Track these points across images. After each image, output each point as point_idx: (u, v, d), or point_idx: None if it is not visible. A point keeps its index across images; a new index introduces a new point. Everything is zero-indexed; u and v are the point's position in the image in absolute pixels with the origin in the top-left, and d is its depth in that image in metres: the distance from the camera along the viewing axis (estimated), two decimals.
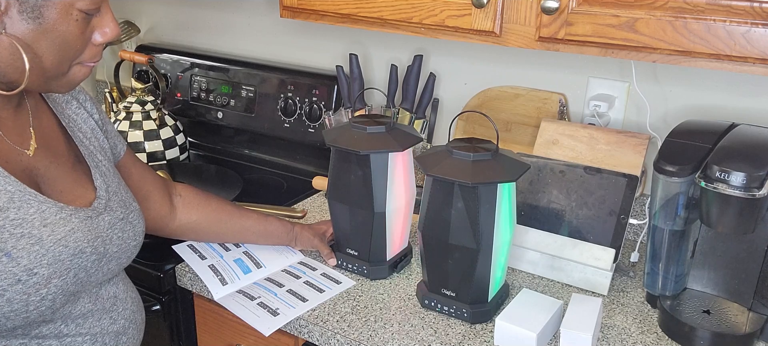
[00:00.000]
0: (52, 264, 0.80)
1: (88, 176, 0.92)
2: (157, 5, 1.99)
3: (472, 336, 1.02)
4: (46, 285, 0.79)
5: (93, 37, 0.83)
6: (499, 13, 1.06)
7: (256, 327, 1.04)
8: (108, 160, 0.99)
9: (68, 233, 0.82)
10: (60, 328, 0.85)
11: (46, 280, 0.79)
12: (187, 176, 1.56)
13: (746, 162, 0.90)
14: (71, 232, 0.83)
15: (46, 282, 0.79)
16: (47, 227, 0.80)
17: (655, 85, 1.27)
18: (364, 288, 1.15)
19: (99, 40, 0.83)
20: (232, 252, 1.22)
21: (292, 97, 1.66)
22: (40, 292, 0.79)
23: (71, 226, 0.83)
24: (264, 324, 1.04)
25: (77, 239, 0.83)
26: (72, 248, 0.82)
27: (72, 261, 0.82)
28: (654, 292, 1.08)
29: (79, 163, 0.92)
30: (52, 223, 0.81)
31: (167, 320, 1.24)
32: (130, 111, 1.68)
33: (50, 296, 0.80)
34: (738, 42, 0.88)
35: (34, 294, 0.79)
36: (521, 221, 1.19)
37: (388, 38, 1.58)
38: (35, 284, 0.78)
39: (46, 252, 0.79)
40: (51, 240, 0.80)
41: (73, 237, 0.83)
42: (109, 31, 0.83)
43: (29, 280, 0.78)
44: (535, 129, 1.35)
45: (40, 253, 0.79)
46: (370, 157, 1.10)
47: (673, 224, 1.03)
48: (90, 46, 0.83)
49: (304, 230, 1.25)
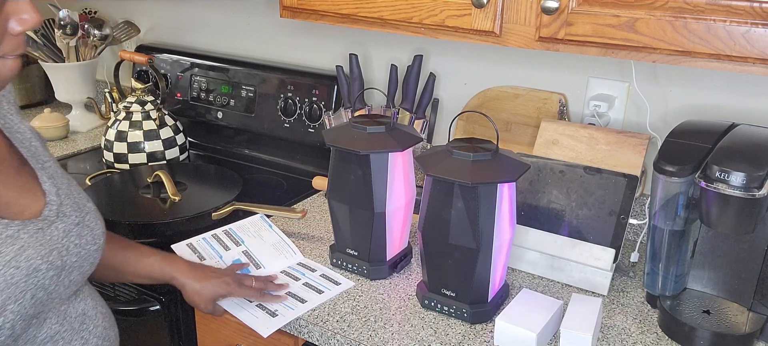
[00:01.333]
0: (5, 289, 0.72)
1: (35, 180, 0.83)
2: (157, 5, 1.99)
3: (472, 336, 1.02)
4: (2, 313, 0.72)
5: (10, 26, 0.73)
6: (499, 13, 1.06)
7: (255, 329, 1.04)
8: (53, 159, 0.90)
9: (18, 253, 0.74)
10: None
11: (1, 307, 0.72)
12: (187, 176, 1.56)
13: (746, 162, 0.90)
14: (21, 250, 0.75)
15: (0, 310, 0.72)
16: None
17: (655, 85, 1.27)
18: (363, 288, 1.15)
19: (17, 29, 0.73)
20: (232, 251, 1.22)
21: (292, 97, 1.66)
22: None
23: (20, 243, 0.75)
24: (263, 325, 1.04)
25: (29, 256, 0.75)
26: (24, 267, 0.74)
27: (27, 282, 0.75)
28: (654, 292, 1.08)
29: (23, 167, 0.84)
30: None
31: (167, 320, 1.24)
32: (130, 111, 1.68)
33: (8, 325, 0.73)
34: (738, 42, 0.88)
35: None
36: (521, 221, 1.19)
37: (388, 38, 1.58)
38: None
39: None
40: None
41: (24, 256, 0.75)
42: (28, 17, 0.73)
43: None
44: (535, 129, 1.35)
45: None
46: (370, 157, 1.10)
47: (673, 224, 1.03)
48: (8, 36, 0.73)
49: (188, 280, 1.06)
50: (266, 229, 1.30)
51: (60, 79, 1.97)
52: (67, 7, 1.89)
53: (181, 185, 1.50)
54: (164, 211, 1.40)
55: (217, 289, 1.05)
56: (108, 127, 1.69)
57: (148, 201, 1.44)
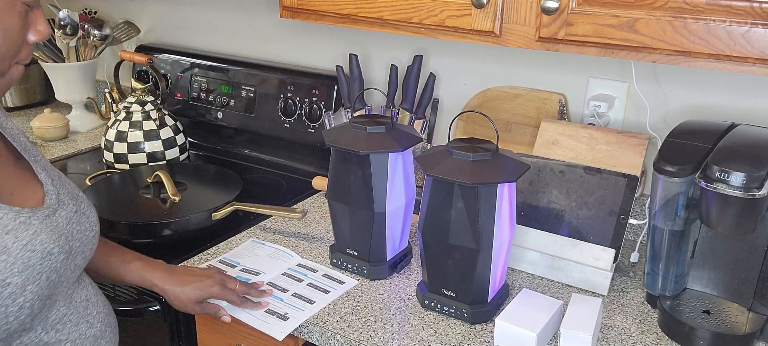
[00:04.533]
0: (24, 271, 0.77)
1: (31, 173, 0.88)
2: (157, 5, 1.99)
3: (472, 336, 1.02)
4: (22, 293, 0.77)
5: (27, 35, 0.81)
6: (499, 14, 1.06)
7: (269, 333, 1.04)
8: (41, 154, 0.94)
9: (33, 237, 0.79)
10: (40, 336, 0.83)
11: (21, 288, 0.77)
12: (187, 176, 1.56)
13: (746, 162, 0.90)
14: (35, 235, 0.79)
15: (21, 290, 0.77)
16: (9, 234, 0.77)
17: (655, 85, 1.27)
18: (363, 288, 1.15)
19: (33, 38, 0.81)
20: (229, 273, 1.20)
21: (292, 97, 1.66)
22: (17, 301, 0.77)
23: (33, 229, 0.80)
24: (276, 329, 1.04)
25: (42, 240, 0.80)
26: (39, 251, 0.79)
27: (42, 264, 0.80)
28: (654, 292, 1.08)
29: (18, 161, 0.88)
30: (14, 229, 0.77)
31: (167, 320, 1.24)
32: (130, 111, 1.68)
33: (28, 304, 0.78)
34: (738, 42, 0.88)
35: (11, 305, 0.76)
36: (521, 221, 1.19)
37: (388, 38, 1.58)
38: (11, 294, 0.76)
39: (15, 260, 0.76)
40: (17, 247, 0.77)
41: (39, 240, 0.80)
42: (42, 29, 0.82)
43: (4, 291, 0.75)
44: (535, 129, 1.35)
45: (8, 262, 0.76)
46: (370, 157, 1.10)
47: (673, 224, 1.03)
48: (25, 44, 0.81)
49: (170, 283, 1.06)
50: (259, 246, 1.29)
51: (60, 79, 1.97)
52: (67, 7, 1.89)
53: (181, 185, 1.50)
54: (164, 211, 1.40)
55: (198, 292, 1.06)
56: (108, 127, 1.69)
57: (148, 201, 1.44)
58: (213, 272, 1.10)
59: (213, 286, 1.07)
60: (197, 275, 1.08)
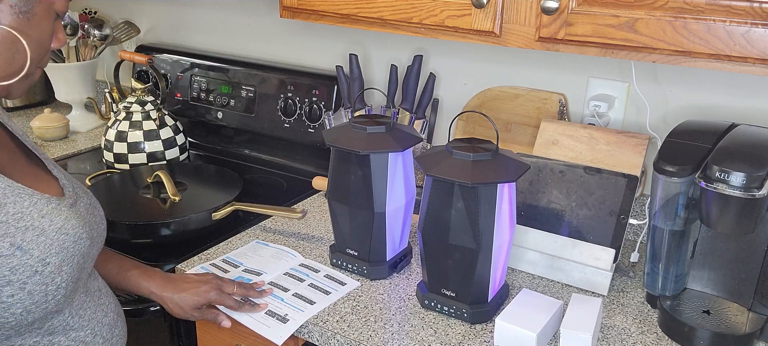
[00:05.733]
0: (60, 252, 0.82)
1: (43, 169, 0.92)
2: (157, 5, 1.99)
3: (472, 336, 1.02)
4: (60, 273, 0.81)
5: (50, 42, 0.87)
6: (498, 14, 1.06)
7: (269, 337, 1.03)
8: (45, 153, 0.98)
9: (65, 222, 0.84)
10: (67, 319, 0.86)
11: (58, 268, 0.81)
12: (187, 176, 1.56)
13: (746, 162, 0.90)
14: (67, 220, 0.84)
15: (58, 270, 0.81)
16: (45, 218, 0.81)
17: (655, 85, 1.27)
18: (364, 288, 1.15)
19: (54, 45, 0.87)
20: (230, 273, 1.20)
21: (292, 97, 1.66)
22: (55, 280, 0.81)
23: (64, 214, 0.84)
24: (276, 333, 1.03)
25: (73, 226, 0.85)
26: (71, 235, 0.84)
27: (74, 248, 0.84)
28: (654, 292, 1.08)
29: (29, 158, 0.92)
30: (49, 213, 0.82)
31: (167, 320, 1.24)
32: (130, 111, 1.68)
33: (64, 284, 0.82)
34: (738, 42, 0.88)
35: (51, 283, 0.81)
36: (521, 221, 1.19)
37: (388, 38, 1.58)
38: (51, 273, 0.80)
39: (52, 242, 0.81)
40: (53, 229, 0.82)
41: (70, 225, 0.84)
42: (62, 37, 0.87)
43: (45, 270, 0.80)
44: (535, 129, 1.35)
45: (46, 243, 0.80)
46: (370, 157, 1.10)
47: (673, 224, 1.03)
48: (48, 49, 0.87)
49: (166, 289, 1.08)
50: (263, 247, 1.29)
51: (60, 79, 1.97)
52: None
53: (181, 185, 1.50)
54: (164, 211, 1.40)
55: (195, 298, 1.06)
56: (108, 127, 1.69)
57: (148, 201, 1.44)
58: (209, 277, 1.10)
59: (210, 291, 1.07)
60: (194, 282, 1.09)
